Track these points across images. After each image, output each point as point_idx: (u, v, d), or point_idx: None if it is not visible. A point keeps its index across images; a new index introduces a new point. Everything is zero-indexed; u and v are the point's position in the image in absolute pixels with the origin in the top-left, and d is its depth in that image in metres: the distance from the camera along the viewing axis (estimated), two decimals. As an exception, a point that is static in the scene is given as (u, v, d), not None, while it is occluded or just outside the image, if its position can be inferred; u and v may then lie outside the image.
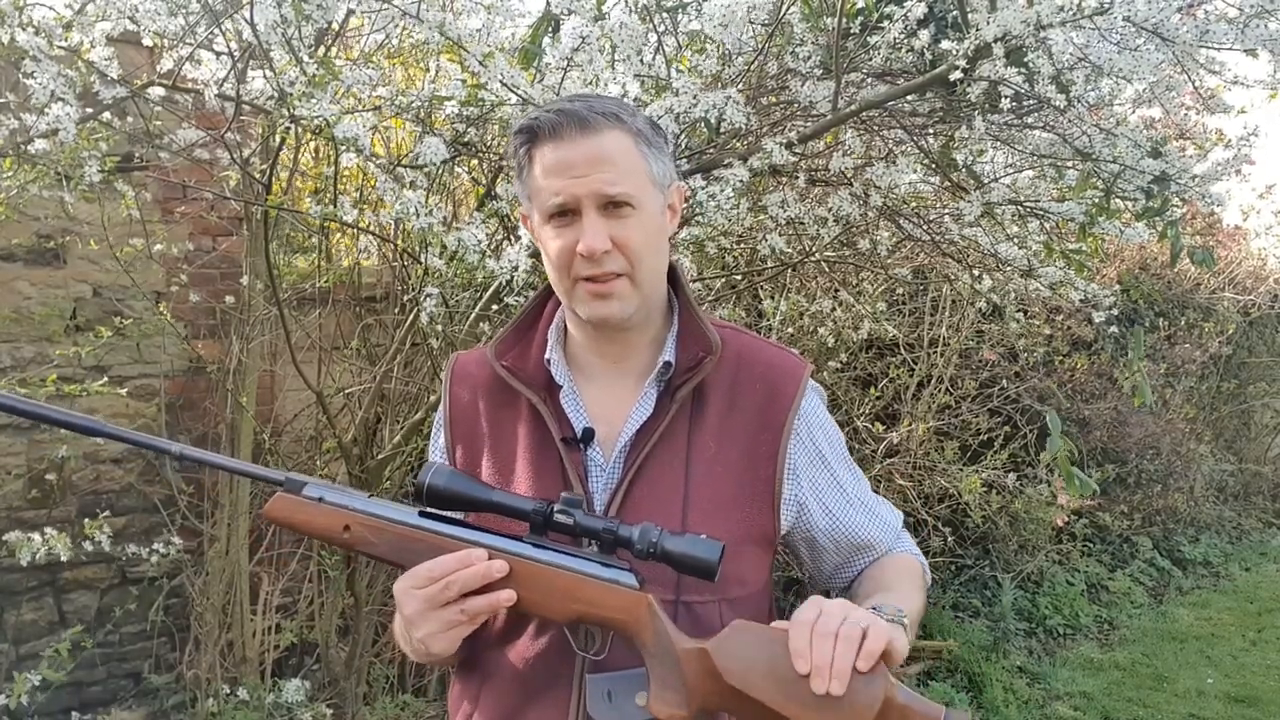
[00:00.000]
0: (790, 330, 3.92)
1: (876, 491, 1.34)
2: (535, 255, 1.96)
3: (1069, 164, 2.63)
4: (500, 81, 1.81)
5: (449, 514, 1.11)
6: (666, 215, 1.20)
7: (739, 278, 3.50)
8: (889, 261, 3.50)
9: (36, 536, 2.41)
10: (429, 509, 1.10)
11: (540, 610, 1.07)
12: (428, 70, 2.94)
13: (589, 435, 1.17)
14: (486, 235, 1.99)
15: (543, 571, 1.06)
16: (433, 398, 2.82)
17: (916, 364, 4.84)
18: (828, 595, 1.32)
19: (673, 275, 1.25)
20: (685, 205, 1.65)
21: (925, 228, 3.06)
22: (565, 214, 1.12)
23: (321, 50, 2.51)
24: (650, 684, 1.05)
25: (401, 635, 1.14)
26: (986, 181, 2.65)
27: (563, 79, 1.89)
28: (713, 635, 1.09)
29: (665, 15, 2.24)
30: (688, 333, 1.21)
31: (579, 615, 1.07)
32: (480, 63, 1.78)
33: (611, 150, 1.11)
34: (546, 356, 1.21)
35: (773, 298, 3.97)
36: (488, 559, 1.05)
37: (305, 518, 1.11)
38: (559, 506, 1.07)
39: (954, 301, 4.76)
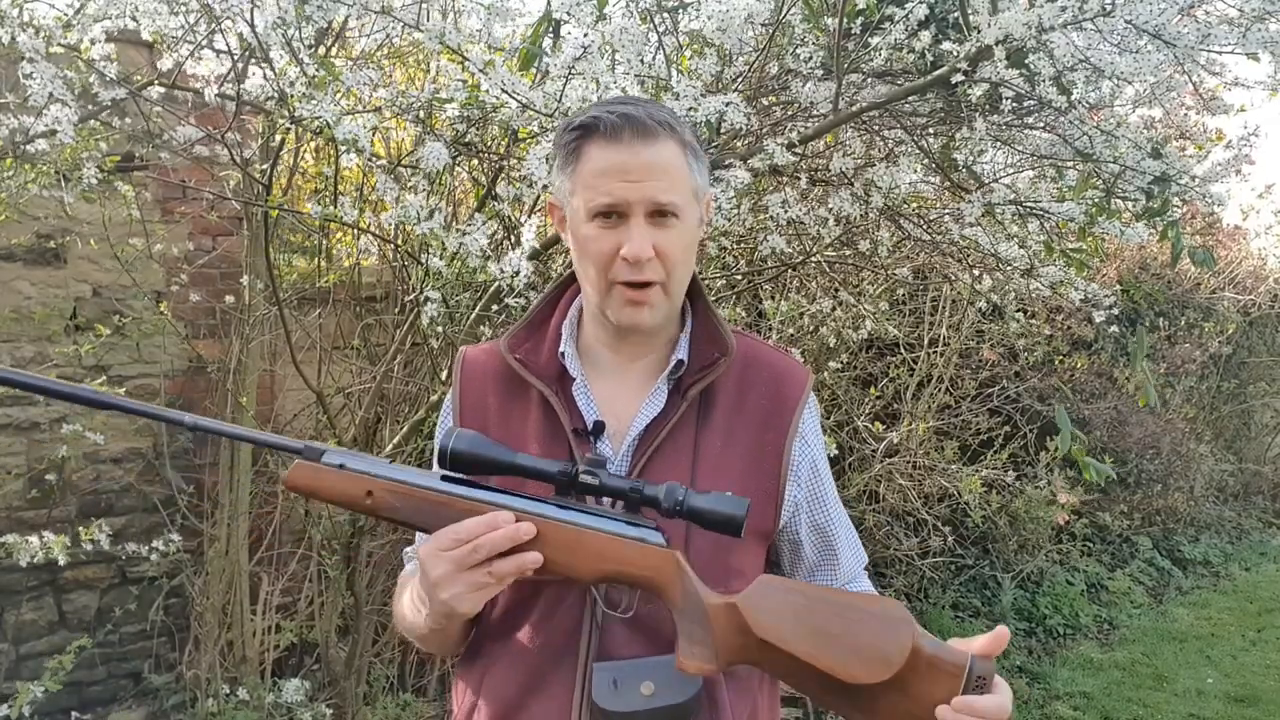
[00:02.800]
0: (790, 330, 3.92)
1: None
2: (534, 258, 1.96)
3: (1069, 164, 2.62)
4: (501, 88, 1.81)
5: (472, 478, 1.10)
6: (699, 225, 1.23)
7: (739, 278, 3.50)
8: (889, 262, 3.50)
9: (35, 539, 2.41)
10: (451, 473, 1.10)
11: (568, 570, 1.07)
12: (428, 71, 2.94)
13: (599, 428, 1.18)
14: (488, 237, 1.99)
15: (570, 532, 1.06)
16: (433, 398, 2.82)
17: (916, 364, 4.84)
18: None
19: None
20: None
21: (925, 228, 3.06)
22: (611, 216, 1.13)
23: (322, 50, 2.50)
24: (679, 640, 1.06)
25: (413, 604, 1.14)
26: (987, 182, 2.64)
27: (564, 86, 1.88)
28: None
29: (666, 15, 2.24)
30: (703, 333, 1.24)
31: (607, 574, 1.07)
32: (481, 70, 1.78)
33: (666, 159, 1.13)
34: (560, 349, 1.23)
35: (773, 298, 3.97)
36: (514, 521, 1.05)
37: (327, 485, 1.09)
38: (584, 467, 1.08)
39: (954, 301, 4.76)
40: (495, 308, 2.49)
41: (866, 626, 1.03)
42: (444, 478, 1.10)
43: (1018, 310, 3.87)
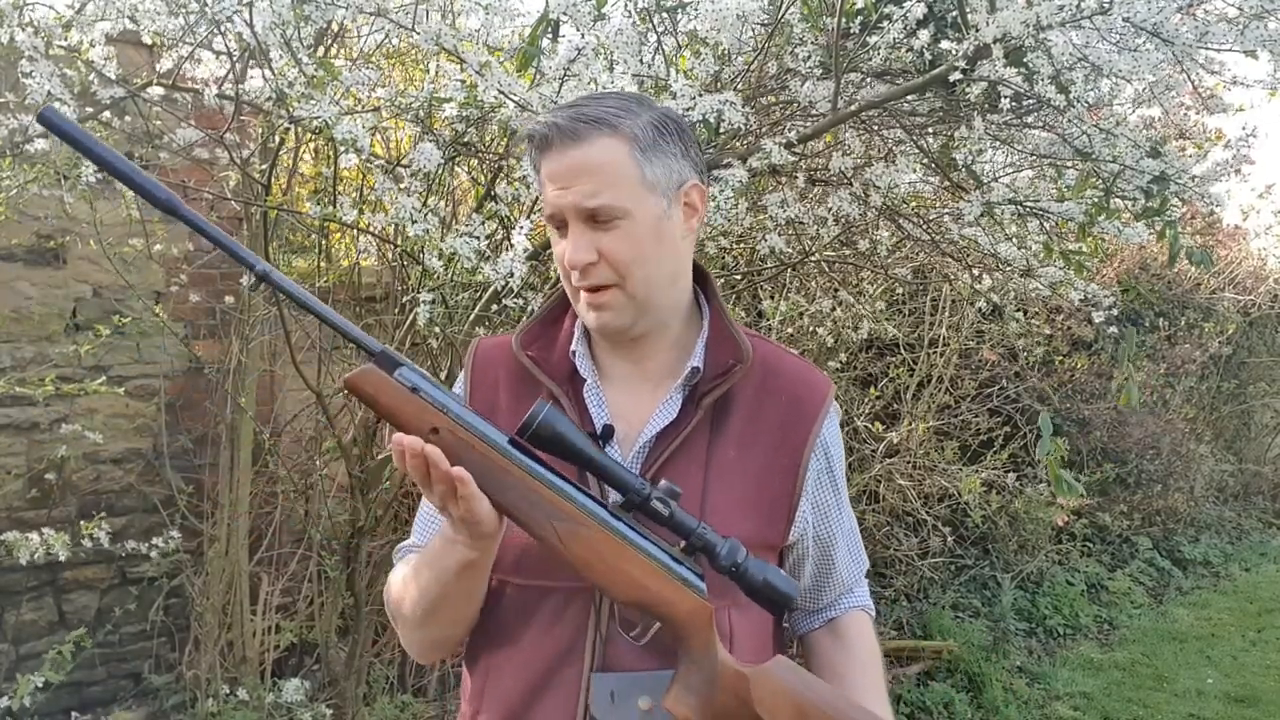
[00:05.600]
0: (790, 330, 3.92)
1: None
2: (533, 258, 1.97)
3: (1068, 164, 2.62)
4: (498, 89, 1.81)
5: (537, 453, 1.05)
6: (676, 217, 1.15)
7: (739, 278, 3.50)
8: (889, 261, 3.50)
9: (35, 536, 2.41)
10: (520, 440, 1.03)
11: (606, 583, 1.04)
12: (427, 71, 2.95)
13: (609, 432, 1.15)
14: (485, 238, 1.99)
15: (623, 547, 1.04)
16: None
17: (916, 364, 4.85)
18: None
19: (703, 279, 1.24)
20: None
21: (925, 228, 3.06)
22: (559, 224, 1.13)
23: (320, 50, 2.51)
24: (675, 683, 1.05)
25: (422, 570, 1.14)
26: (986, 181, 2.64)
27: (560, 87, 1.88)
28: (720, 640, 1.10)
29: (665, 15, 2.24)
30: (718, 339, 1.20)
31: (640, 600, 1.04)
32: (478, 72, 1.78)
33: (595, 160, 1.09)
34: (572, 349, 1.21)
35: (772, 298, 3.97)
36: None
37: (394, 403, 1.00)
38: (658, 493, 1.05)
39: (954, 301, 4.76)
40: (495, 308, 2.49)
41: None
42: (511, 442, 1.03)
43: (1017, 310, 3.88)
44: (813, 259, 3.29)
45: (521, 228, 1.91)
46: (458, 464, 0.99)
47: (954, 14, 2.16)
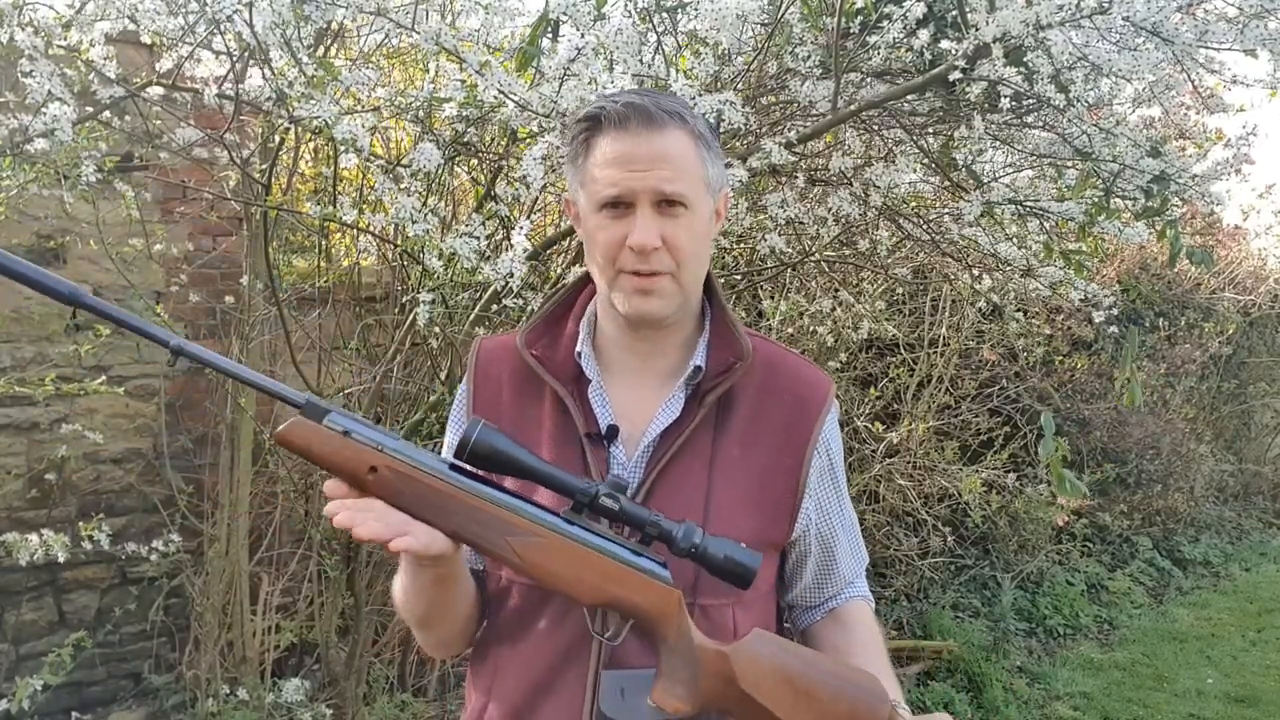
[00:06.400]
0: (790, 330, 3.92)
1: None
2: (533, 258, 1.97)
3: (1068, 163, 2.63)
4: (498, 89, 1.81)
5: (481, 473, 1.05)
6: (713, 219, 1.20)
7: (738, 278, 3.50)
8: (889, 261, 3.50)
9: (34, 537, 2.41)
10: (460, 464, 1.03)
11: (570, 589, 1.04)
12: (427, 71, 2.95)
13: (613, 432, 1.16)
14: (485, 238, 1.99)
15: (580, 551, 1.04)
16: (432, 398, 2.82)
17: (916, 364, 4.84)
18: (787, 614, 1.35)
19: (707, 279, 1.24)
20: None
21: (925, 227, 3.06)
22: (618, 206, 1.11)
23: (320, 50, 2.51)
24: (659, 676, 1.05)
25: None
26: (986, 181, 2.64)
27: (560, 87, 1.88)
28: (725, 637, 1.10)
29: (665, 15, 2.24)
30: (720, 338, 1.22)
31: (608, 600, 1.05)
32: (478, 71, 1.78)
33: (673, 149, 1.11)
34: (577, 349, 1.21)
35: (772, 298, 3.97)
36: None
37: (327, 450, 0.99)
38: (605, 489, 1.05)
39: (954, 301, 4.76)
40: (495, 308, 2.49)
41: (846, 696, 1.05)
42: (452, 467, 1.03)
43: (1017, 310, 3.88)
44: (813, 259, 3.29)
45: (521, 228, 1.91)
46: (401, 498, 0.99)
47: (954, 14, 2.16)
